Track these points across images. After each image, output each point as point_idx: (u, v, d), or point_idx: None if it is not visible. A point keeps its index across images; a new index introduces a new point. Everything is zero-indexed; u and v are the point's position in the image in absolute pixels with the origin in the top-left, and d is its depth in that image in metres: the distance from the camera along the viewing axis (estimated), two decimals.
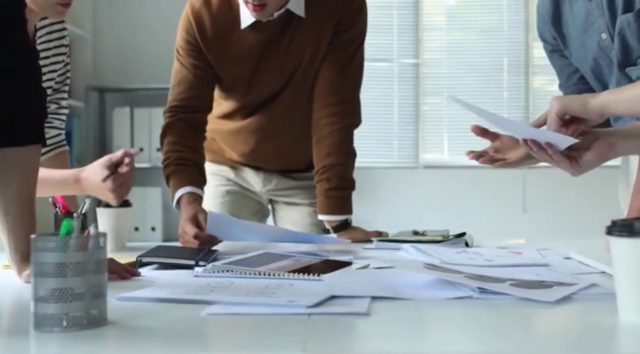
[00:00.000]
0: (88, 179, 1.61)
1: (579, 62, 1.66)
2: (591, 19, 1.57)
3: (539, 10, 1.70)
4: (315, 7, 1.85)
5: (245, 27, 1.84)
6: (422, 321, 0.96)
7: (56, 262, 0.86)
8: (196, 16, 1.87)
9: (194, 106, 1.89)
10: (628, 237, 0.88)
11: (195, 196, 1.80)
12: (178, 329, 0.89)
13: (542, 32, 1.71)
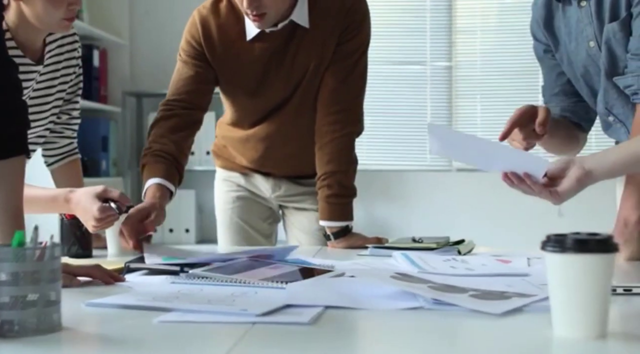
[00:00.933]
0: (77, 202, 1.63)
1: (569, 67, 1.66)
2: (581, 27, 1.57)
3: (533, 12, 1.70)
4: (319, 18, 1.89)
5: (250, 39, 1.89)
6: (361, 331, 0.98)
7: (11, 271, 0.92)
8: (203, 23, 1.92)
9: (190, 101, 1.92)
10: (560, 252, 0.89)
11: (164, 188, 1.79)
12: (124, 336, 0.94)
13: (535, 32, 1.71)
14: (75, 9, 1.65)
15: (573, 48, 1.61)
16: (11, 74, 1.35)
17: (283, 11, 1.85)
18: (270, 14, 1.81)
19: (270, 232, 2.23)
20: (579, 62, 1.61)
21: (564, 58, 1.65)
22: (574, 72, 1.64)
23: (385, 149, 4.61)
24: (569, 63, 1.64)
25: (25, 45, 1.71)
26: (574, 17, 1.59)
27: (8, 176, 1.33)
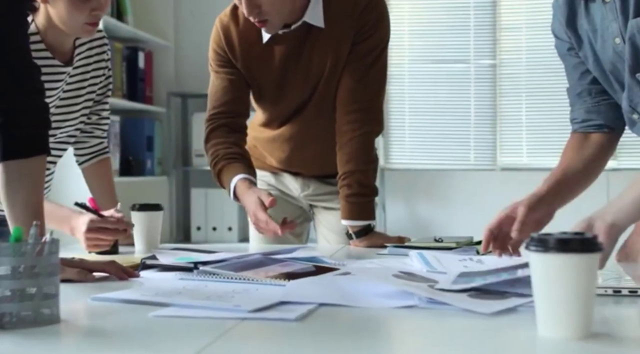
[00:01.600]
0: (77, 228, 1.66)
1: (595, 65, 1.62)
2: (606, 23, 1.54)
3: (555, 11, 1.67)
4: (334, 18, 1.90)
5: (267, 41, 1.92)
6: (347, 328, 0.99)
7: (11, 265, 0.97)
8: (224, 31, 1.97)
9: (231, 110, 1.99)
10: (543, 252, 0.89)
11: (250, 181, 1.88)
12: (115, 329, 0.97)
13: (557, 31, 1.68)
14: (99, 14, 1.70)
15: (599, 46, 1.57)
16: (34, 77, 1.41)
17: (289, 14, 1.87)
18: (272, 20, 1.84)
19: (301, 232, 2.25)
20: (606, 59, 1.57)
21: (589, 57, 1.62)
22: (602, 69, 1.61)
23: (428, 149, 4.59)
24: (595, 61, 1.60)
25: (55, 47, 1.77)
26: (598, 14, 1.55)
27: (30, 174, 1.39)
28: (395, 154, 4.59)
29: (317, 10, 1.89)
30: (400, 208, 4.46)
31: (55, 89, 1.78)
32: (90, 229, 1.60)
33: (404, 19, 4.62)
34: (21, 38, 1.39)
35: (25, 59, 1.40)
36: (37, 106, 1.40)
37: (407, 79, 4.62)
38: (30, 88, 1.39)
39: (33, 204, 1.38)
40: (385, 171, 4.46)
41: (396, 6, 4.60)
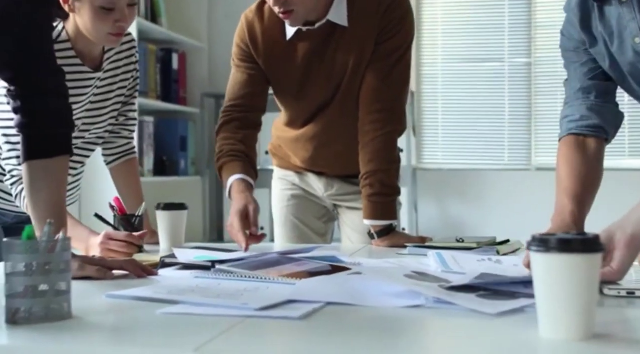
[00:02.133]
0: (91, 248, 1.66)
1: (612, 67, 1.59)
2: (624, 23, 1.51)
3: (567, 13, 1.65)
4: (358, 17, 1.90)
5: (291, 38, 1.93)
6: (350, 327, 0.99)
7: (25, 263, 1.00)
8: (249, 26, 1.98)
9: (247, 105, 2.00)
10: (545, 252, 0.88)
11: (247, 183, 1.89)
12: (122, 325, 1.00)
13: (569, 31, 1.65)
14: (123, 26, 1.73)
15: (616, 48, 1.54)
16: (58, 80, 1.45)
17: (313, 9, 1.87)
18: (298, 11, 1.84)
19: (325, 231, 2.26)
20: (625, 60, 1.54)
21: (605, 58, 1.59)
22: (620, 71, 1.58)
23: (461, 148, 4.55)
24: (612, 63, 1.58)
25: (84, 54, 1.81)
26: (614, 15, 1.53)
27: (53, 173, 1.43)
28: (428, 154, 4.57)
29: (341, 10, 1.90)
30: (433, 208, 4.44)
31: (84, 94, 1.82)
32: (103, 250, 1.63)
33: (438, 17, 4.60)
34: (46, 42, 1.43)
35: (49, 63, 1.44)
36: (60, 108, 1.44)
37: (440, 79, 4.59)
38: (54, 91, 1.43)
39: (55, 202, 1.42)
40: (417, 170, 4.44)
41: (429, 5, 4.58)
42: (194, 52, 4.33)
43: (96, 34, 1.73)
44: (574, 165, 1.56)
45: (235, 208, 1.81)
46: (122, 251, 1.61)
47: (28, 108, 1.41)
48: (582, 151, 1.58)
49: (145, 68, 3.81)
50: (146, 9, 3.85)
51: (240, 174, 1.90)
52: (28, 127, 1.42)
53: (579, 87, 1.62)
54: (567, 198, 1.51)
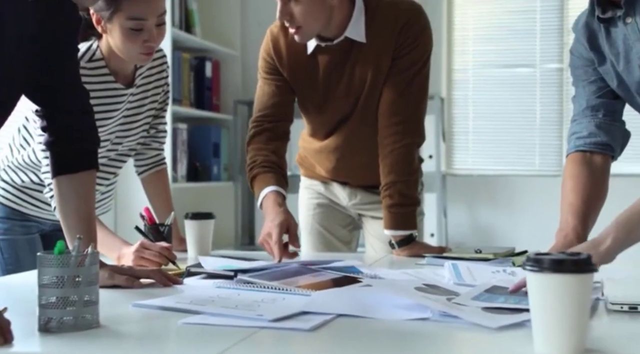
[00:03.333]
0: (123, 257, 1.72)
1: (620, 86, 1.61)
2: (629, 44, 1.54)
3: (575, 33, 1.68)
4: (375, 33, 1.96)
5: (312, 52, 2.00)
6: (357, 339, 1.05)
7: (56, 276, 1.08)
8: (274, 41, 2.06)
9: (275, 114, 2.07)
10: (538, 272, 0.93)
11: (282, 196, 1.95)
12: (145, 334, 1.08)
13: (578, 50, 1.68)
14: (152, 45, 1.81)
15: (622, 67, 1.57)
16: (83, 100, 1.54)
17: (320, 28, 1.93)
18: (305, 29, 1.91)
19: (350, 239, 2.32)
20: (632, 79, 1.57)
21: (613, 77, 1.62)
22: (628, 90, 1.60)
23: (492, 154, 4.56)
24: (619, 82, 1.60)
25: (117, 71, 1.90)
26: (620, 36, 1.55)
27: (81, 186, 1.52)
28: (458, 160, 4.59)
29: (359, 26, 1.96)
30: (463, 214, 4.46)
31: (118, 110, 1.91)
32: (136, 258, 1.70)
33: (469, 23, 4.62)
34: (71, 64, 1.51)
35: (74, 84, 1.53)
36: (84, 126, 1.53)
37: (471, 84, 4.61)
38: (79, 109, 1.52)
39: (84, 213, 1.51)
40: (447, 176, 4.47)
41: (461, 11, 4.60)
42: (227, 60, 4.43)
43: (127, 53, 1.81)
44: (579, 181, 1.60)
45: (276, 221, 1.84)
46: (154, 260, 1.69)
47: (54, 127, 1.50)
48: (588, 168, 1.61)
49: (179, 76, 3.91)
50: (180, 19, 3.95)
51: (274, 186, 1.96)
52: (55, 144, 1.51)
53: (587, 105, 1.65)
54: (570, 214, 1.55)
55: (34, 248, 2.04)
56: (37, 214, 2.02)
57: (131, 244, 1.74)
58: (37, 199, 1.98)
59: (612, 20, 1.54)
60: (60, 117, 1.49)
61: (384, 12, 1.96)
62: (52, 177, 1.51)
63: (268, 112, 2.08)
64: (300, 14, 1.88)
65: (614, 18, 1.54)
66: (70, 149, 1.50)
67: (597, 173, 1.63)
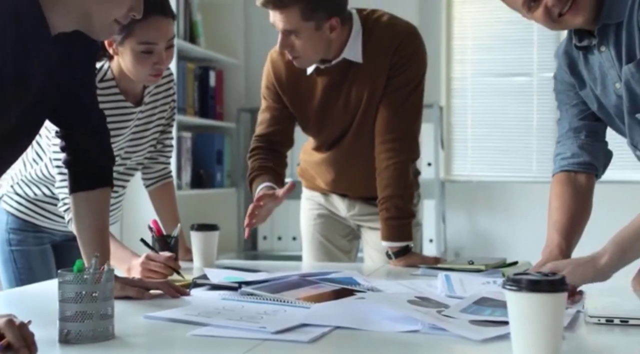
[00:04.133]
0: (133, 269, 1.81)
1: (600, 110, 1.69)
2: (604, 70, 1.62)
3: (557, 60, 1.76)
4: (371, 53, 2.06)
5: (311, 73, 2.10)
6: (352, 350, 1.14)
7: (75, 292, 1.17)
8: (274, 66, 2.16)
9: (274, 140, 2.20)
10: (517, 291, 1.02)
11: (273, 188, 2.06)
12: (156, 344, 1.17)
13: (560, 75, 1.76)
14: (161, 68, 1.91)
15: (600, 92, 1.65)
16: (100, 122, 1.63)
17: (318, 57, 2.05)
18: (303, 58, 2.03)
19: (350, 249, 2.42)
20: (609, 104, 1.65)
21: (593, 100, 1.69)
22: (607, 113, 1.68)
23: (491, 161, 4.65)
24: (599, 105, 1.68)
25: (127, 91, 1.99)
26: (596, 63, 1.63)
27: (96, 203, 1.62)
28: (457, 166, 4.68)
29: (356, 47, 2.05)
30: (462, 220, 4.55)
31: (126, 127, 2.01)
32: (143, 270, 1.79)
33: (467, 33, 4.71)
34: (90, 88, 1.61)
35: (92, 107, 1.62)
36: (101, 146, 1.62)
37: (469, 92, 4.70)
38: (96, 130, 1.61)
39: (98, 227, 1.60)
40: (446, 182, 4.55)
41: (460, 21, 4.69)
42: (231, 69, 4.52)
43: (137, 75, 1.91)
44: (563, 200, 1.68)
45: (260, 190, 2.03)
46: (160, 272, 1.78)
47: (72, 147, 1.60)
48: (573, 187, 1.70)
49: (183, 86, 4.00)
50: (185, 30, 4.05)
51: (268, 182, 2.08)
52: (73, 163, 1.60)
53: (570, 127, 1.73)
54: (555, 231, 1.64)
55: (46, 258, 2.14)
56: (49, 226, 2.11)
57: (139, 255, 1.83)
58: (49, 211, 2.07)
59: (588, 48, 1.62)
60: (78, 138, 1.59)
61: (380, 33, 2.06)
62: (70, 194, 1.60)
63: (267, 138, 2.21)
64: (300, 47, 1.99)
65: (590, 46, 1.62)
66: (87, 168, 1.59)
67: (581, 192, 1.71)
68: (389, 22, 2.08)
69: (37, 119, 1.50)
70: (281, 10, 1.95)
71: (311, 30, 1.98)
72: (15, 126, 1.41)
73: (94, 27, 1.41)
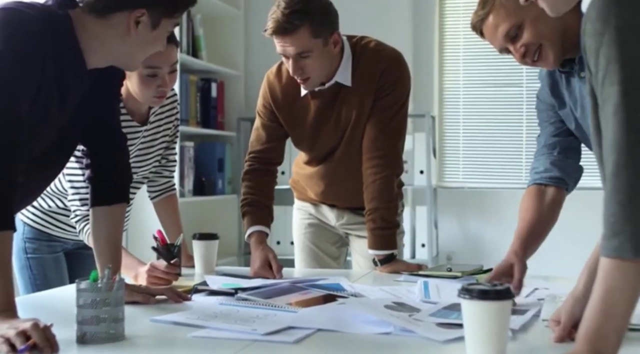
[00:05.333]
0: (139, 276, 1.99)
1: (578, 130, 1.85)
2: (584, 94, 1.78)
3: (541, 81, 1.93)
4: (360, 77, 2.24)
5: (305, 95, 2.28)
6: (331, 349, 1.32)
7: (91, 299, 1.34)
8: (270, 87, 2.34)
9: (266, 157, 2.39)
10: (469, 299, 1.19)
11: (264, 234, 2.29)
12: (162, 345, 1.35)
13: (542, 95, 1.93)
14: (165, 90, 2.09)
15: (580, 114, 1.80)
16: (123, 143, 1.81)
17: (325, 75, 2.22)
18: (313, 78, 2.21)
19: (339, 255, 2.60)
20: (587, 124, 1.80)
21: (572, 120, 1.85)
22: (583, 132, 1.84)
23: (482, 168, 4.82)
24: (577, 125, 1.83)
25: (134, 111, 2.17)
26: (577, 86, 1.78)
27: (113, 217, 1.80)
28: (449, 174, 4.85)
29: (346, 72, 2.24)
30: (453, 225, 4.72)
31: (133, 144, 2.19)
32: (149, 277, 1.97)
33: (459, 45, 4.88)
34: (116, 110, 1.80)
35: (118, 129, 1.81)
36: (122, 165, 1.80)
37: (461, 102, 4.87)
38: (119, 150, 1.79)
39: (113, 239, 1.78)
40: (438, 189, 4.73)
41: (451, 33, 4.86)
42: (231, 80, 4.70)
43: (142, 96, 2.09)
44: (529, 211, 1.86)
45: (258, 261, 2.18)
46: (164, 278, 1.96)
47: (96, 165, 1.77)
48: (540, 199, 1.87)
49: (186, 97, 4.18)
50: (188, 44, 4.23)
51: (258, 225, 2.29)
52: (95, 180, 1.78)
53: (545, 143, 1.90)
54: (516, 238, 1.82)
55: (59, 265, 2.32)
56: (61, 235, 2.29)
57: (145, 263, 2.01)
58: (62, 222, 2.25)
59: (570, 72, 1.78)
60: (103, 157, 1.77)
61: (367, 59, 2.24)
62: (90, 207, 1.78)
63: (260, 155, 2.40)
64: (310, 67, 2.17)
65: (571, 71, 1.79)
66: (108, 184, 1.77)
67: (549, 203, 1.89)
68: (375, 49, 2.26)
69: (71, 142, 1.68)
70: (291, 34, 2.12)
71: (320, 47, 2.15)
72: (49, 149, 1.59)
73: (128, 64, 1.62)
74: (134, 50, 1.57)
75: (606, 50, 1.06)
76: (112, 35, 1.53)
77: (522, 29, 1.69)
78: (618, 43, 1.05)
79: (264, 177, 2.38)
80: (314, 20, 2.11)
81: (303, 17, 2.09)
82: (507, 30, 1.70)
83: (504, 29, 1.70)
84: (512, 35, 1.70)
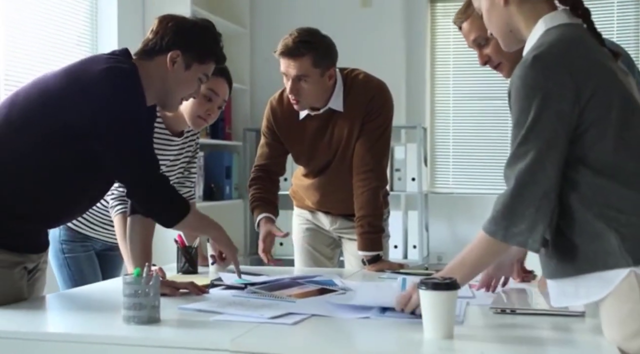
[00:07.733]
0: None
1: None
2: None
3: None
4: (350, 104, 2.62)
5: (302, 119, 2.66)
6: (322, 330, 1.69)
7: (134, 289, 1.72)
8: (273, 111, 2.73)
9: (270, 170, 2.79)
10: (425, 290, 1.57)
11: (271, 219, 2.69)
12: (189, 326, 1.72)
13: None
14: (210, 116, 2.47)
15: None
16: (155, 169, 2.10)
17: (317, 101, 2.61)
18: (304, 101, 2.59)
19: (333, 255, 2.98)
20: None
21: None
22: None
23: (470, 176, 5.19)
24: None
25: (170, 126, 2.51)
26: None
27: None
28: (440, 180, 5.22)
29: (339, 99, 2.62)
30: (443, 229, 5.09)
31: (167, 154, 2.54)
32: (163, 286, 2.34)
33: (449, 59, 5.24)
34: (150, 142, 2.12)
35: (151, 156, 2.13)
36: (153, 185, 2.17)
37: (452, 114, 5.23)
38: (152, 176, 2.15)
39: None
40: (430, 194, 5.10)
41: (442, 48, 5.23)
42: (238, 94, 5.08)
43: (191, 113, 2.47)
44: None
45: (263, 231, 2.66)
46: None
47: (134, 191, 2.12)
48: None
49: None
50: None
51: (266, 213, 2.69)
52: None
53: None
54: None
55: (92, 263, 2.71)
56: (94, 236, 2.67)
57: None
58: (92, 222, 2.62)
59: None
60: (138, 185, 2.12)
61: (357, 89, 2.62)
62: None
63: (265, 168, 2.81)
64: (306, 91, 2.54)
65: None
66: None
67: None
68: (364, 80, 2.64)
69: None
70: (296, 58, 2.50)
71: (318, 76, 2.53)
72: None
73: (167, 102, 2.01)
74: (172, 89, 1.97)
75: None
76: (157, 73, 1.94)
77: (488, 42, 2.05)
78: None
79: (269, 182, 2.78)
80: (318, 52, 2.50)
81: (309, 47, 2.48)
82: (475, 38, 2.07)
83: (473, 36, 2.09)
84: (480, 43, 2.06)
